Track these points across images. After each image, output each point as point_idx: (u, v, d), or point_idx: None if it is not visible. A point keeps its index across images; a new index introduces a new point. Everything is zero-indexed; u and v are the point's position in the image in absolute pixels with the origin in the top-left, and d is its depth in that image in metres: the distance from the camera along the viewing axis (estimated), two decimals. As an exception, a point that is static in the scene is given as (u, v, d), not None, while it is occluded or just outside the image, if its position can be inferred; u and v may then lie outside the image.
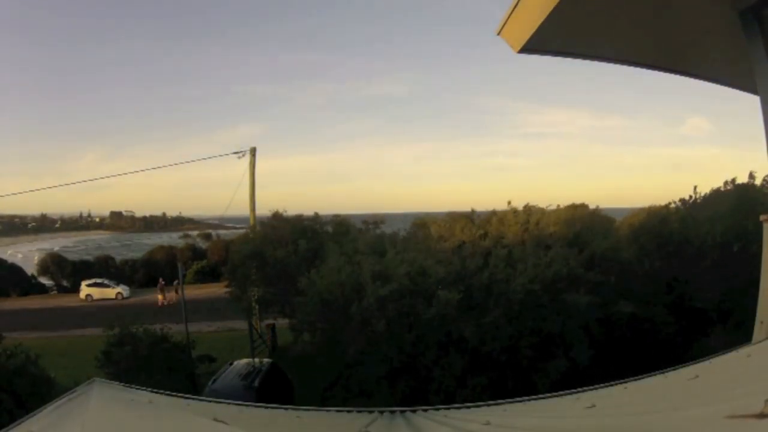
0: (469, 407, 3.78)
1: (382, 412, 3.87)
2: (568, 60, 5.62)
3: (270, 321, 15.80)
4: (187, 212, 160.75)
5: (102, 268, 33.67)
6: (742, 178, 11.82)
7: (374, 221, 14.50)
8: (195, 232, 64.46)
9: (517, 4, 4.66)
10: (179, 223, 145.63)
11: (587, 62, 5.77)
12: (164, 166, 52.35)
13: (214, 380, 9.60)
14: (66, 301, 29.49)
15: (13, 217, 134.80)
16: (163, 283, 26.55)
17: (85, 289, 29.02)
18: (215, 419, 2.94)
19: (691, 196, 12.80)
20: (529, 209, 12.88)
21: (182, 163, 65.59)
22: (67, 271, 33.83)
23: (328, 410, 4.35)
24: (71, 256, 39.54)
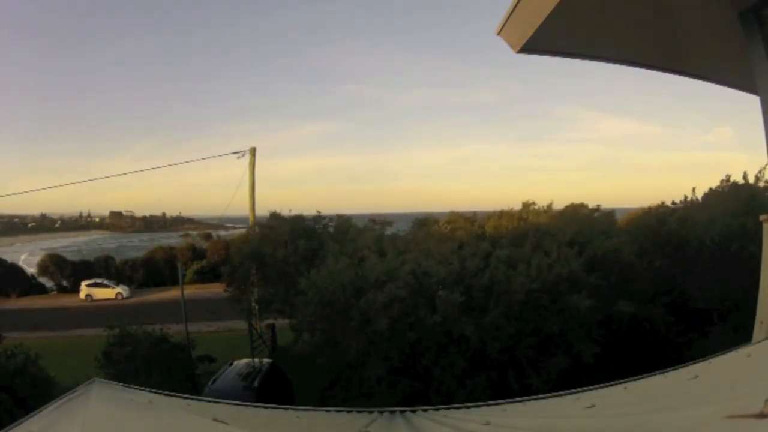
0: (469, 407, 3.78)
1: (382, 412, 3.87)
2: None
3: (270, 321, 15.79)
4: (187, 212, 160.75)
5: (102, 268, 33.66)
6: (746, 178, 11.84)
7: (381, 222, 14.49)
8: (195, 232, 64.37)
9: (517, 4, 4.66)
10: (179, 223, 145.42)
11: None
12: (163, 166, 52.22)
13: (214, 380, 9.60)
14: (66, 301, 29.48)
15: (12, 217, 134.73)
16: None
17: (84, 289, 29.03)
18: (215, 419, 2.94)
19: (686, 196, 12.83)
20: (528, 209, 12.89)
21: (182, 163, 65.50)
22: (67, 272, 33.81)
23: (328, 410, 4.36)
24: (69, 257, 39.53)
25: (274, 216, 14.11)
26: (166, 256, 35.28)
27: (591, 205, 13.58)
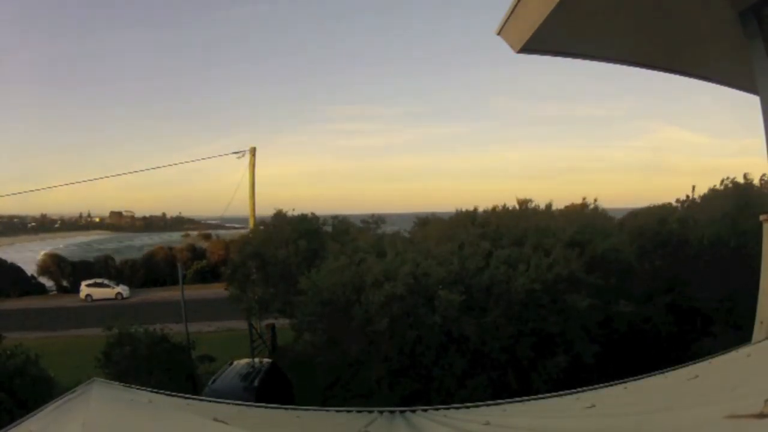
0: (468, 407, 3.79)
1: (382, 412, 3.87)
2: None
3: (270, 321, 15.79)
4: (187, 212, 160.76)
5: (102, 268, 33.67)
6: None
7: (374, 221, 14.49)
8: (195, 232, 64.41)
9: (517, 4, 4.66)
10: (179, 223, 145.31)
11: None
12: (162, 167, 52.00)
13: (214, 380, 9.61)
14: (66, 301, 29.50)
15: (13, 217, 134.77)
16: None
17: (84, 289, 29.02)
18: (215, 419, 2.94)
19: (688, 196, 12.83)
20: (528, 208, 12.87)
21: (182, 163, 65.40)
22: (67, 271, 33.82)
23: (328, 410, 4.36)
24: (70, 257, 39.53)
25: (278, 215, 14.10)
26: (166, 256, 35.31)
27: (621, 205, 13.68)
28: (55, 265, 34.13)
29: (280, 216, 14.06)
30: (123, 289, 29.40)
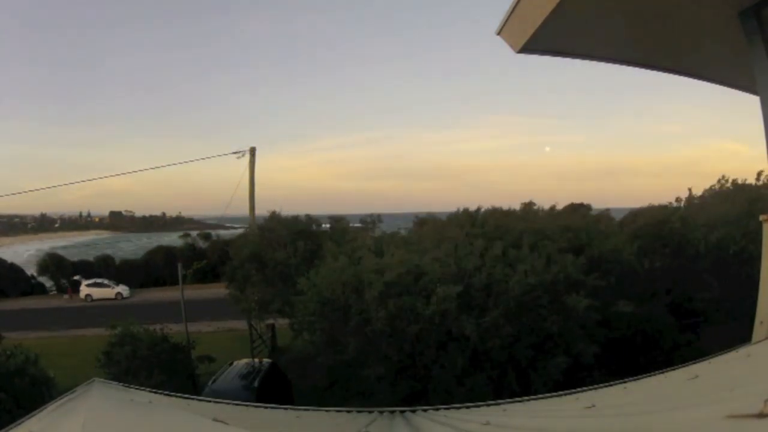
0: (468, 407, 3.79)
1: (382, 412, 3.88)
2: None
3: (270, 321, 15.79)
4: (187, 212, 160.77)
5: (102, 268, 33.65)
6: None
7: (372, 220, 14.52)
8: (194, 232, 64.22)
9: (517, 3, 4.67)
10: (179, 223, 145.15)
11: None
12: (163, 166, 52.15)
13: (214, 380, 9.60)
14: (66, 300, 29.48)
15: (12, 216, 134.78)
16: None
17: (84, 289, 29.00)
18: (215, 419, 2.94)
19: (690, 194, 12.84)
20: (528, 208, 12.87)
21: (182, 162, 65.25)
22: (67, 271, 33.79)
23: (328, 410, 4.36)
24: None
25: (273, 217, 14.11)
26: (166, 256, 35.25)
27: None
28: (55, 265, 34.11)
29: (274, 217, 14.07)
30: (123, 289, 29.37)
